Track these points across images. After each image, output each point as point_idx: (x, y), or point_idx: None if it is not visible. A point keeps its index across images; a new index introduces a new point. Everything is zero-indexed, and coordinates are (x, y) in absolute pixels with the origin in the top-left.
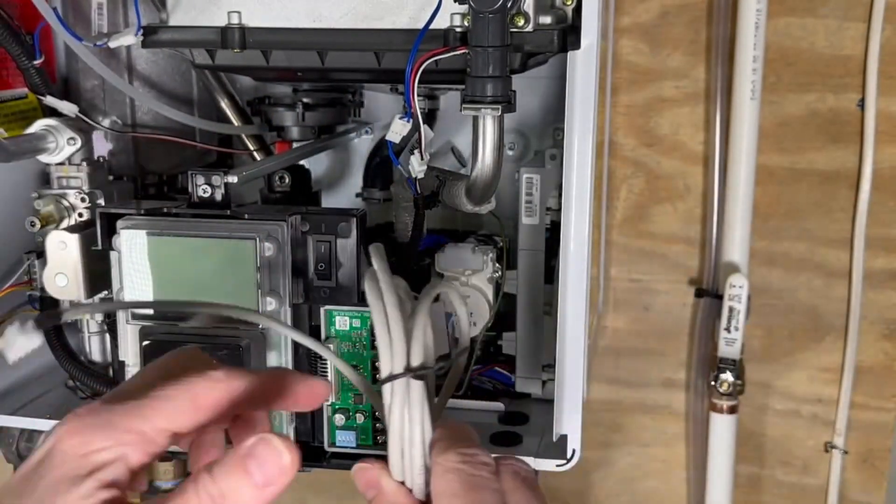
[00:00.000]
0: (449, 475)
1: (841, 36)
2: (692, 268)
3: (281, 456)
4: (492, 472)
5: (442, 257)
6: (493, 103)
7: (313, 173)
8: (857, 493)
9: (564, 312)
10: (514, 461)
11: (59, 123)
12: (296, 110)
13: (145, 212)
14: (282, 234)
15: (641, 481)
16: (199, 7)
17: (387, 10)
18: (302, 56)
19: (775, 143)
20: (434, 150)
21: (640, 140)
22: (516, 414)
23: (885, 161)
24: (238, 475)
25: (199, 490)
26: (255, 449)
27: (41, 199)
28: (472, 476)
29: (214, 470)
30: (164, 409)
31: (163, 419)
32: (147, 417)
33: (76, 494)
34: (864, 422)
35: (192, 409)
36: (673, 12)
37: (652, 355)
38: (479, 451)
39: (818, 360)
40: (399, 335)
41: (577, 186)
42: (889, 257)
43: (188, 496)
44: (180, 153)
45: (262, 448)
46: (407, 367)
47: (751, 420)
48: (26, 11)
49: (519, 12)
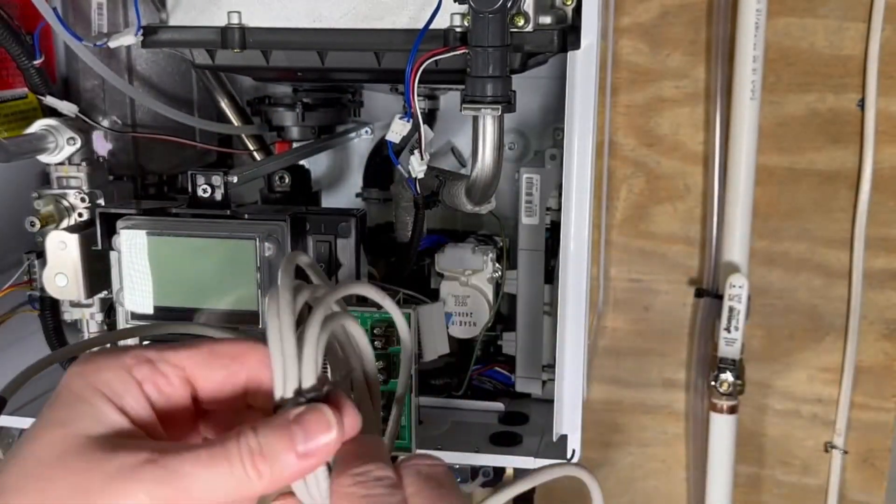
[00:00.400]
0: (342, 501)
1: (841, 36)
2: (692, 268)
3: (329, 430)
4: (389, 486)
5: (442, 257)
6: (493, 103)
7: (313, 173)
8: (857, 493)
9: (564, 312)
10: (418, 459)
11: (58, 123)
12: (296, 110)
13: (145, 212)
14: (282, 234)
15: (641, 481)
16: (198, 7)
17: (387, 10)
18: (302, 56)
19: (775, 143)
20: (434, 150)
21: (639, 140)
22: (516, 414)
23: (884, 161)
24: (282, 439)
25: (240, 443)
26: (305, 416)
27: (41, 199)
28: (364, 498)
29: (259, 427)
30: (178, 348)
31: (176, 356)
32: (160, 351)
33: (87, 415)
34: (864, 422)
35: (208, 355)
36: (673, 12)
37: (652, 355)
38: (373, 467)
39: (818, 360)
40: (291, 356)
41: (577, 186)
42: (889, 257)
43: (229, 445)
44: (180, 153)
45: (311, 417)
46: (298, 391)
47: (751, 420)
48: (26, 11)
49: (519, 12)
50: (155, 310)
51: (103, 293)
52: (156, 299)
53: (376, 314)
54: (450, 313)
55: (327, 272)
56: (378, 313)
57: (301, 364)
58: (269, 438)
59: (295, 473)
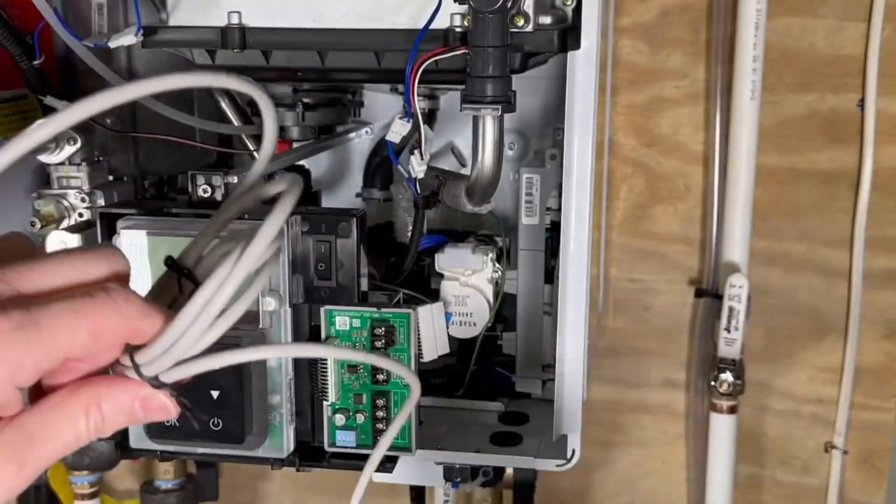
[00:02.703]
0: None
1: (841, 36)
2: (692, 268)
3: (168, 413)
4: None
5: (442, 257)
6: (493, 103)
7: (313, 173)
8: (857, 493)
9: (564, 312)
10: None
11: None
12: (296, 110)
13: (145, 212)
14: (281, 234)
15: (641, 481)
16: (198, 7)
17: (387, 10)
18: (302, 56)
19: (775, 143)
20: (434, 150)
21: (639, 140)
22: (516, 414)
23: (885, 161)
24: (124, 412)
25: (80, 391)
26: (151, 401)
27: (41, 200)
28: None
29: (102, 387)
30: (59, 340)
31: (57, 351)
32: (41, 348)
33: None
34: (865, 422)
35: (91, 343)
36: (673, 12)
37: (652, 355)
38: None
39: (818, 360)
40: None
41: (577, 186)
42: (889, 257)
43: (72, 388)
44: (180, 153)
45: (154, 402)
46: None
47: (751, 420)
48: (26, 11)
49: (519, 12)
50: None
51: None
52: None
53: (376, 314)
54: (450, 313)
55: (327, 272)
56: (378, 313)
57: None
58: (111, 401)
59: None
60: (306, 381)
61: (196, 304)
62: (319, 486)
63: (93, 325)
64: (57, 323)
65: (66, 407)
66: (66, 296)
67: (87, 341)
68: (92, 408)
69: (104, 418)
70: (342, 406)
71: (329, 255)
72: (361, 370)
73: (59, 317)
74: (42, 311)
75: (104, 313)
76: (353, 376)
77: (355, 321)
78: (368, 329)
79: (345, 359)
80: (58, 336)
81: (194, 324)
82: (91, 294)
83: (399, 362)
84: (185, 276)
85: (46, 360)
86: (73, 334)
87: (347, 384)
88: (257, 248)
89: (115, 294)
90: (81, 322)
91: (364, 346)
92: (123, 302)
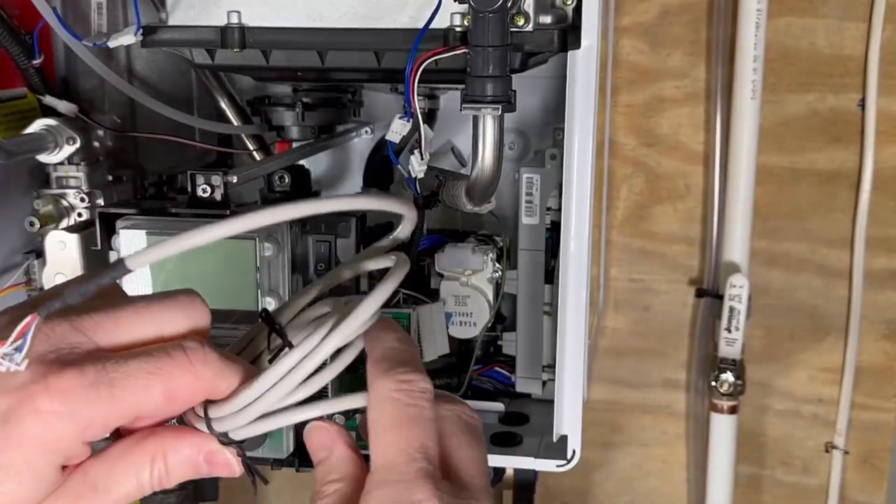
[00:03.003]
0: (384, 404)
1: (841, 35)
2: (692, 268)
3: (231, 471)
4: (429, 401)
5: (442, 257)
6: (493, 103)
7: (313, 173)
8: (858, 493)
9: (565, 312)
10: (455, 404)
11: (58, 123)
12: (295, 110)
13: (145, 212)
14: (281, 234)
15: (642, 481)
16: (198, 6)
17: (386, 9)
18: (302, 56)
19: (776, 142)
20: (434, 150)
21: (640, 140)
22: (516, 414)
23: (885, 161)
24: (189, 465)
25: (146, 441)
26: (216, 456)
27: (40, 199)
28: (408, 407)
29: (169, 438)
30: (131, 400)
31: (129, 410)
32: (114, 407)
33: (37, 478)
34: (865, 422)
35: (164, 404)
36: (673, 12)
37: (652, 355)
38: (417, 377)
39: (819, 360)
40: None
41: (577, 186)
42: (889, 257)
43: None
44: (180, 153)
45: (220, 458)
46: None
47: (751, 420)
48: (26, 11)
49: (519, 12)
50: None
51: None
52: None
53: None
54: (450, 313)
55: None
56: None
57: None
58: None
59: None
60: None
61: (281, 368)
62: None
63: (167, 386)
64: (130, 382)
65: (130, 456)
66: (143, 353)
67: (160, 402)
68: (157, 458)
69: (168, 470)
70: None
71: (329, 254)
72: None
73: (134, 376)
74: (117, 368)
75: (180, 375)
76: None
77: None
78: None
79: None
80: (130, 396)
81: (276, 387)
82: (168, 353)
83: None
84: (276, 332)
85: (117, 418)
86: (146, 395)
87: (346, 384)
88: (355, 322)
89: (192, 354)
90: (156, 383)
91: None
92: (201, 364)
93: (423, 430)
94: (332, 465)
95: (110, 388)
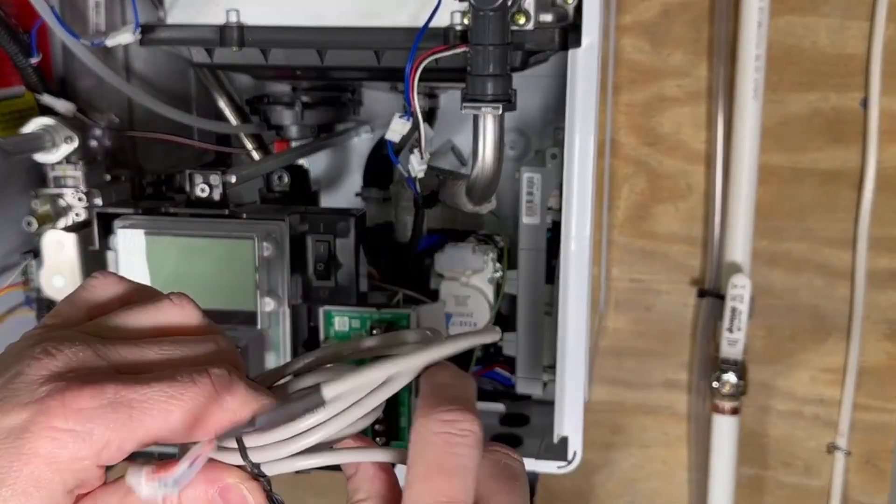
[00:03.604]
0: (423, 448)
1: (843, 34)
2: (694, 268)
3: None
4: (473, 445)
5: (442, 257)
6: (493, 102)
7: (312, 172)
8: (860, 494)
9: (565, 313)
10: (500, 447)
11: (56, 122)
12: (295, 109)
13: (143, 211)
14: (280, 234)
15: (643, 482)
16: (197, 5)
17: (386, 8)
18: (301, 54)
19: (777, 142)
20: (434, 150)
21: (641, 139)
22: (517, 415)
23: (887, 160)
24: (202, 499)
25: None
26: (231, 493)
27: (38, 199)
28: (447, 455)
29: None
30: (150, 424)
31: (146, 434)
32: (131, 429)
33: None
34: (867, 422)
35: (184, 430)
36: (675, 11)
37: (653, 356)
38: (463, 416)
39: (820, 361)
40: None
41: (578, 186)
42: (892, 257)
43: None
44: (178, 152)
45: (235, 494)
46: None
47: (753, 421)
48: (23, 9)
49: (519, 10)
50: None
51: None
52: None
53: (375, 314)
54: (450, 313)
55: (326, 272)
56: (378, 313)
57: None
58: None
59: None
60: None
61: (339, 404)
62: (319, 488)
63: (188, 413)
64: (150, 406)
65: None
66: (167, 376)
67: (180, 428)
68: None
69: (180, 502)
70: None
71: (328, 255)
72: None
73: (154, 400)
74: (138, 390)
75: (203, 402)
76: None
77: (354, 322)
78: (367, 329)
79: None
80: (149, 420)
81: (332, 421)
82: (193, 379)
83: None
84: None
85: (133, 441)
86: (166, 420)
87: None
88: (419, 361)
89: (218, 382)
90: (176, 408)
91: None
92: (226, 393)
93: (458, 483)
94: (358, 482)
95: (129, 409)
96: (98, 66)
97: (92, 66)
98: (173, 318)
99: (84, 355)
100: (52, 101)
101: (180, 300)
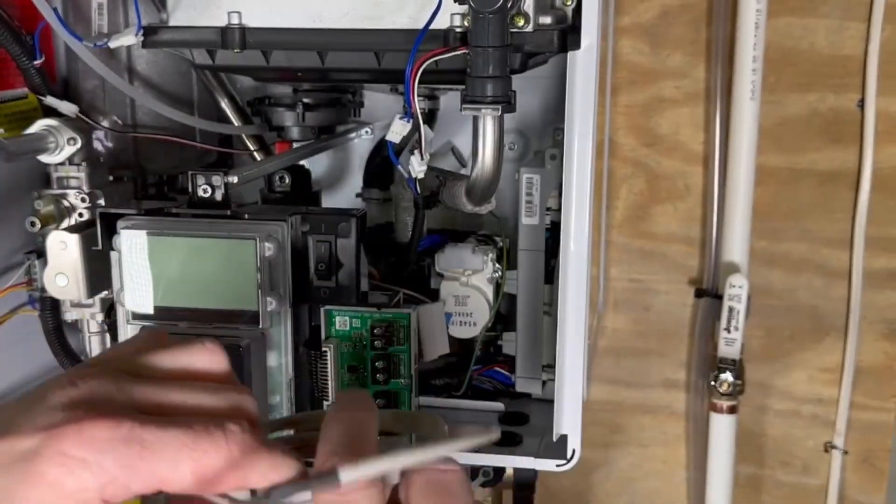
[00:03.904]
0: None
1: (841, 36)
2: (692, 268)
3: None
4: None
5: (442, 257)
6: (493, 103)
7: (313, 173)
8: (857, 493)
9: (564, 312)
10: (434, 467)
11: (59, 123)
12: (296, 110)
13: (145, 212)
14: (282, 234)
15: (641, 481)
16: (199, 7)
17: (387, 10)
18: (302, 56)
19: (775, 143)
20: (434, 150)
21: (640, 140)
22: (516, 414)
23: (885, 161)
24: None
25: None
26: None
27: (41, 200)
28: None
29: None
30: (158, 467)
31: (153, 477)
32: (138, 469)
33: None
34: (864, 422)
35: (191, 480)
36: (673, 12)
37: (652, 355)
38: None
39: (818, 360)
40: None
41: (577, 186)
42: (889, 257)
43: None
44: (180, 153)
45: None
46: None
47: (751, 420)
48: (26, 11)
49: (519, 12)
50: (155, 310)
51: (104, 293)
52: (156, 299)
53: (376, 314)
54: (450, 313)
55: (327, 272)
56: (378, 313)
57: None
58: None
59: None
60: (306, 381)
61: (368, 472)
62: None
63: (198, 466)
64: (162, 448)
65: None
66: (185, 423)
67: (187, 480)
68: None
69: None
70: None
71: (329, 255)
72: (362, 370)
73: (167, 444)
74: (153, 431)
75: (213, 455)
76: (353, 376)
77: (355, 321)
78: (368, 329)
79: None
80: (158, 462)
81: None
82: (208, 430)
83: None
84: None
85: (140, 482)
86: (174, 467)
87: (346, 384)
88: (433, 454)
89: (231, 438)
90: (186, 459)
91: (364, 346)
92: (237, 449)
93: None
94: None
95: (141, 448)
96: (101, 68)
97: (95, 68)
98: (202, 363)
99: (106, 389)
100: (56, 103)
101: (213, 345)
